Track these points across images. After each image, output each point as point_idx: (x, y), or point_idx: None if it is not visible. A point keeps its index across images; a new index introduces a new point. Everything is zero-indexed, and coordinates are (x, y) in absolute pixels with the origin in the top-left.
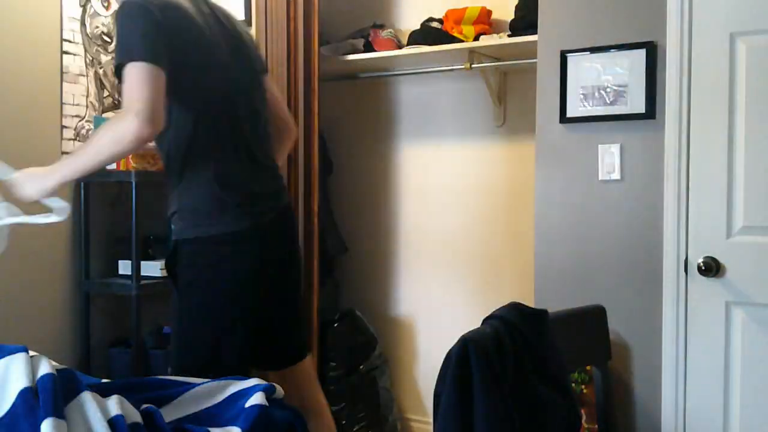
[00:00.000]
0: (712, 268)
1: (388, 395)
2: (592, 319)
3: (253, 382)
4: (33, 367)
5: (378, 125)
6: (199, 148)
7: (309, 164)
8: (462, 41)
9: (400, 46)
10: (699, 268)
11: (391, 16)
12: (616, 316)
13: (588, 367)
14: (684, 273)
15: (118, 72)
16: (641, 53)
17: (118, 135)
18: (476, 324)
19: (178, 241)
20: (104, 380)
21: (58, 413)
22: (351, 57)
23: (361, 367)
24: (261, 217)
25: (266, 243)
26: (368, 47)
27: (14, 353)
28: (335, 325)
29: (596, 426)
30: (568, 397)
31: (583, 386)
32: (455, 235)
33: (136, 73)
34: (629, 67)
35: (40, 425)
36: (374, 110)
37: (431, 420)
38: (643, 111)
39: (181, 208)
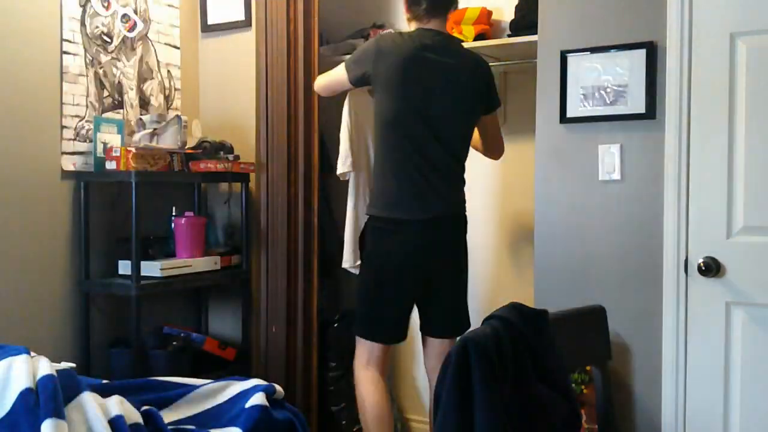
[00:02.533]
0: (712, 268)
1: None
2: (592, 319)
3: (253, 382)
4: (33, 368)
5: None
6: None
7: (309, 164)
8: (462, 41)
9: None
10: (699, 268)
11: (391, 16)
12: (616, 317)
13: (588, 368)
14: (684, 273)
15: (491, 111)
16: (641, 53)
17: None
18: (476, 324)
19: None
20: (104, 381)
21: (59, 414)
22: None
23: None
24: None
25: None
26: None
27: (16, 354)
28: (335, 325)
29: (596, 426)
30: (568, 397)
31: (583, 386)
32: None
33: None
34: (629, 67)
35: (40, 426)
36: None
37: (431, 420)
38: (643, 111)
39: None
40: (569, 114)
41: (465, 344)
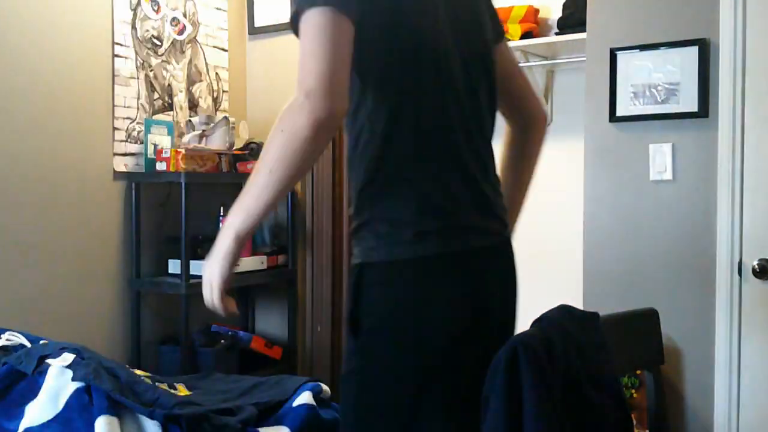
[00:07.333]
0: (767, 271)
1: None
2: (644, 322)
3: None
4: (87, 369)
5: None
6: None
7: None
8: (509, 40)
9: None
10: (754, 271)
11: None
12: (667, 320)
13: (638, 372)
14: (738, 275)
15: (294, 26)
16: (693, 50)
17: (289, 134)
18: (524, 327)
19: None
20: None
21: (111, 411)
22: None
23: None
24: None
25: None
26: None
27: (71, 352)
28: None
29: (646, 431)
30: (620, 403)
31: (633, 390)
32: None
33: (314, 26)
34: (681, 64)
35: (93, 423)
36: None
37: None
38: (696, 110)
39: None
40: (619, 113)
41: (514, 347)
